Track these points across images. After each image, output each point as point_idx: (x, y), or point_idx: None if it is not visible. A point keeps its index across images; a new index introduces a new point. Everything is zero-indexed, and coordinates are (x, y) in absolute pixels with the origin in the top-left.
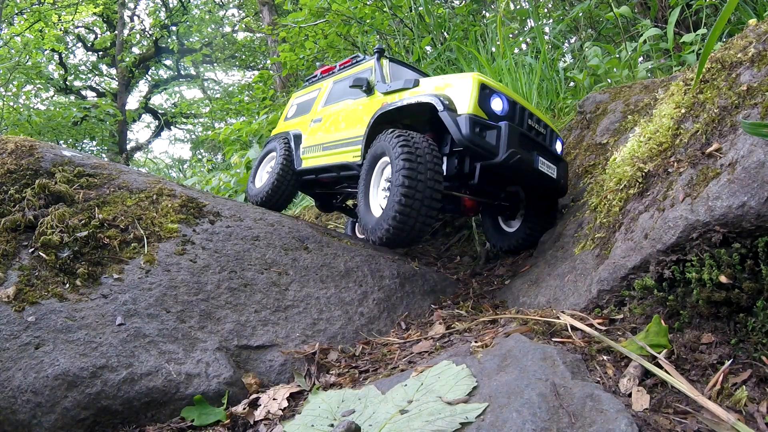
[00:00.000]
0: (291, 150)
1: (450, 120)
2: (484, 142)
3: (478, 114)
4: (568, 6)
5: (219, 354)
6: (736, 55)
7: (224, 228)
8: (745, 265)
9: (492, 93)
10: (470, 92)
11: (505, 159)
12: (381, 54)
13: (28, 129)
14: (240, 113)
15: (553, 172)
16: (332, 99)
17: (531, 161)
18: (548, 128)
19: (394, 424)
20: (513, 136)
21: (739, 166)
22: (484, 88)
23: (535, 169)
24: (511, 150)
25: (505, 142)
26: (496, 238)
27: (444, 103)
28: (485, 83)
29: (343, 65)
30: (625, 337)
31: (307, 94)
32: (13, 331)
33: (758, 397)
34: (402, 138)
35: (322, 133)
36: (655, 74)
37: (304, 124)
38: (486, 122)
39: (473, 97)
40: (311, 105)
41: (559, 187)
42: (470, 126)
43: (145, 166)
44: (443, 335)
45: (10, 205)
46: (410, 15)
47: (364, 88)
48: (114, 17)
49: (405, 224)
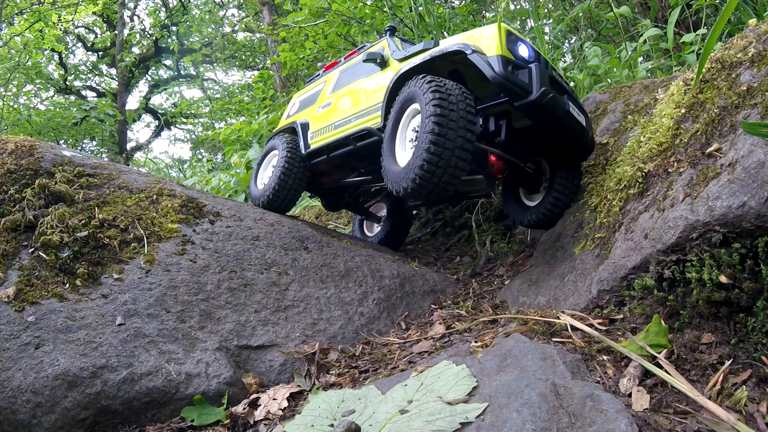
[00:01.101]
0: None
1: (481, 61)
2: (518, 80)
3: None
4: (568, 6)
5: (219, 354)
6: (736, 55)
7: (224, 228)
8: (745, 265)
9: (518, 40)
10: (497, 36)
11: (540, 96)
12: (393, 32)
13: (28, 129)
14: (240, 113)
15: (582, 118)
16: (341, 84)
17: (563, 102)
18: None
19: (394, 424)
20: (544, 77)
21: (739, 166)
22: (509, 35)
23: (567, 111)
24: (544, 88)
25: (537, 80)
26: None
27: (472, 48)
28: (510, 30)
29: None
30: (625, 337)
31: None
32: (13, 331)
33: (758, 397)
34: (434, 83)
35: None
36: (655, 74)
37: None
38: (517, 62)
39: (501, 40)
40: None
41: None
42: (503, 64)
43: (145, 166)
44: (443, 335)
45: (10, 205)
46: (410, 15)
47: (378, 61)
48: (114, 17)
49: (433, 174)
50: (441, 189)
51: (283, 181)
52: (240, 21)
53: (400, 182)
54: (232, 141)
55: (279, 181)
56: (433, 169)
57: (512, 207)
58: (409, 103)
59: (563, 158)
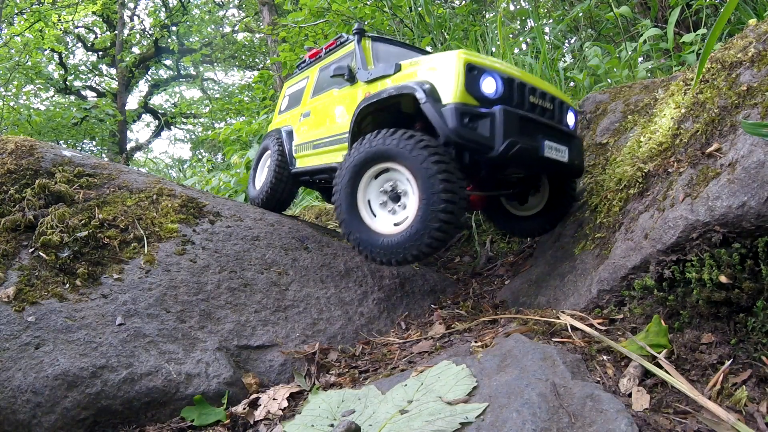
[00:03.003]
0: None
1: (433, 112)
2: (476, 135)
3: (467, 101)
4: (568, 6)
5: (219, 354)
6: (736, 55)
7: (224, 228)
8: (745, 265)
9: (482, 73)
10: (455, 76)
11: (503, 151)
12: (362, 35)
13: (28, 129)
14: (240, 113)
15: (564, 155)
16: (319, 89)
17: (536, 149)
18: (556, 101)
19: (394, 424)
20: (510, 123)
21: (739, 166)
22: (471, 69)
23: (541, 158)
24: (509, 140)
25: (501, 131)
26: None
27: (426, 91)
28: (472, 62)
29: (328, 48)
30: (625, 337)
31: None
32: (13, 331)
33: (758, 397)
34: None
35: (312, 129)
36: (655, 74)
37: (295, 118)
38: (476, 110)
39: (459, 82)
40: (301, 96)
41: (574, 170)
42: (457, 118)
43: (145, 166)
44: (443, 335)
45: (10, 205)
46: (410, 15)
47: (346, 77)
48: (114, 17)
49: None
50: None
51: (275, 186)
52: (240, 21)
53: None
54: (232, 141)
55: (271, 186)
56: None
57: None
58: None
59: None
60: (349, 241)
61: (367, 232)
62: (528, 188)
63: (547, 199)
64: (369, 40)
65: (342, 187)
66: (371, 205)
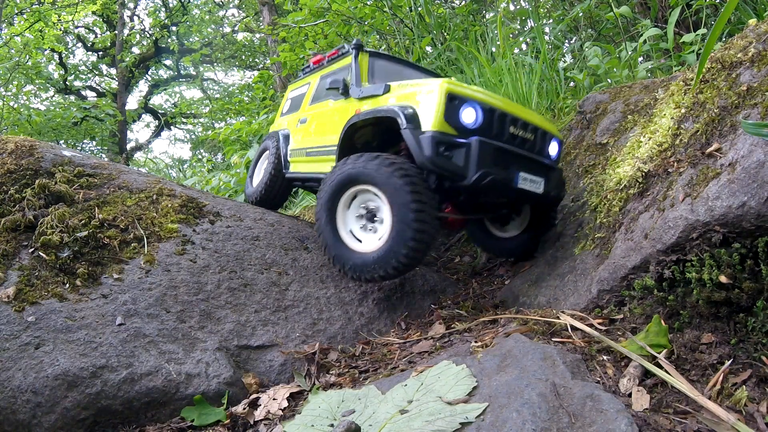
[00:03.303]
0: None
1: (411, 139)
2: (450, 164)
3: (445, 130)
4: (568, 6)
5: (219, 354)
6: (736, 55)
7: (224, 228)
8: (745, 265)
9: (463, 103)
10: (436, 105)
11: (476, 181)
12: (359, 49)
13: (28, 129)
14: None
15: (539, 187)
16: (317, 97)
17: (509, 180)
18: (539, 131)
19: (394, 424)
20: (485, 154)
21: (739, 166)
22: (452, 99)
23: (514, 189)
24: (481, 171)
25: (474, 162)
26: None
27: (407, 117)
28: (454, 92)
29: (331, 57)
30: (625, 337)
31: (300, 88)
32: (13, 331)
33: (758, 397)
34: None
35: (307, 137)
36: (655, 74)
37: (293, 123)
38: (452, 140)
39: (439, 111)
40: (301, 102)
41: (549, 200)
42: (433, 147)
43: (145, 166)
44: (443, 335)
45: (10, 205)
46: (410, 15)
47: (341, 90)
48: (114, 17)
49: (415, 261)
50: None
51: (269, 187)
52: (240, 21)
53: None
54: (232, 141)
55: (265, 186)
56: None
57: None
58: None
59: None
60: (325, 254)
61: (342, 248)
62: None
63: (527, 223)
64: (367, 55)
65: (323, 203)
66: (348, 222)
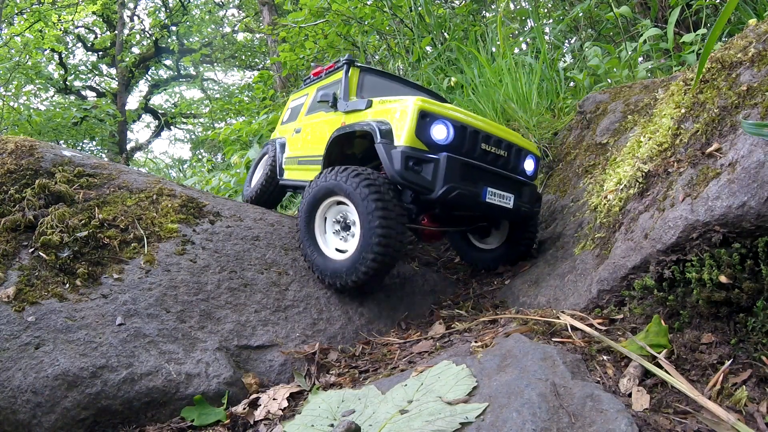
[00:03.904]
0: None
1: (383, 153)
2: (419, 178)
3: (416, 146)
4: (568, 6)
5: (219, 354)
6: (736, 55)
7: (224, 228)
8: (745, 265)
9: (434, 120)
10: (408, 121)
11: (442, 195)
12: (350, 65)
13: (28, 129)
14: (240, 113)
15: (509, 202)
16: (312, 109)
17: (476, 195)
18: (513, 148)
19: (394, 424)
20: (452, 169)
21: (739, 166)
22: (424, 116)
23: (481, 203)
24: (448, 185)
25: (442, 176)
26: (468, 253)
27: (382, 132)
28: (426, 110)
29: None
30: (625, 337)
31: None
32: (13, 331)
33: (758, 397)
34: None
35: (300, 146)
36: (655, 74)
37: (290, 132)
38: (422, 156)
39: (410, 128)
40: (299, 112)
41: (521, 216)
42: (403, 162)
43: (145, 166)
44: (443, 335)
45: (10, 205)
46: (410, 15)
47: (330, 103)
48: (114, 17)
49: (381, 271)
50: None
51: (263, 191)
52: (240, 21)
53: (344, 277)
54: (232, 141)
55: (261, 187)
56: (384, 260)
57: (464, 251)
58: (328, 194)
59: None
60: (306, 261)
61: (321, 257)
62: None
63: (506, 237)
64: (358, 71)
65: (302, 214)
66: (326, 232)
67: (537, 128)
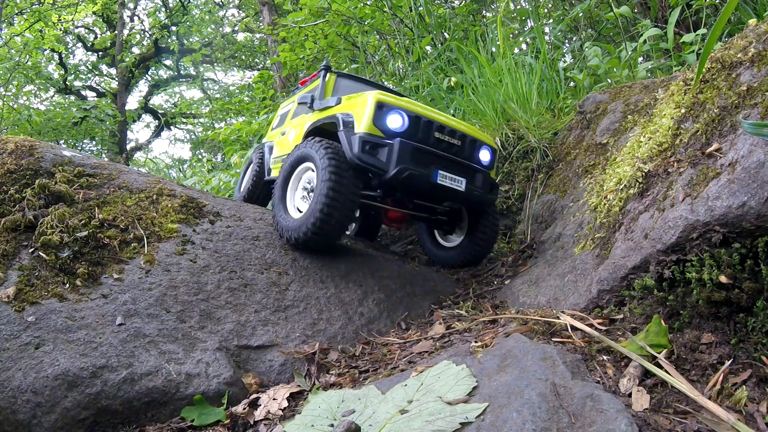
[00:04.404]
0: (264, 161)
1: (345, 139)
2: (374, 160)
3: (373, 132)
4: (568, 6)
5: (219, 354)
6: (736, 55)
7: (224, 228)
8: (745, 265)
9: (390, 110)
10: (367, 111)
11: (394, 175)
12: (327, 70)
13: (28, 129)
14: (240, 113)
15: (460, 185)
16: (297, 113)
17: (427, 176)
18: (467, 138)
19: (394, 424)
20: (404, 153)
21: (739, 166)
22: (380, 107)
23: (432, 183)
24: (400, 166)
25: (394, 159)
26: (434, 252)
27: (345, 123)
28: (383, 101)
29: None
30: (625, 337)
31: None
32: (13, 331)
33: (758, 397)
34: (330, 150)
35: (283, 146)
36: (655, 74)
37: (277, 136)
38: (378, 141)
39: (368, 116)
40: (285, 117)
41: (473, 198)
42: (360, 145)
43: (145, 166)
44: (443, 335)
45: (10, 205)
46: (410, 15)
47: (308, 104)
48: (114, 17)
49: (323, 230)
50: (330, 241)
51: (253, 190)
52: (240, 21)
53: (292, 233)
54: (232, 141)
55: (249, 189)
56: (325, 226)
57: (429, 248)
58: (302, 160)
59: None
60: (274, 222)
61: (285, 214)
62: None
63: (465, 232)
64: (335, 75)
65: (279, 183)
66: (295, 196)
67: (537, 128)
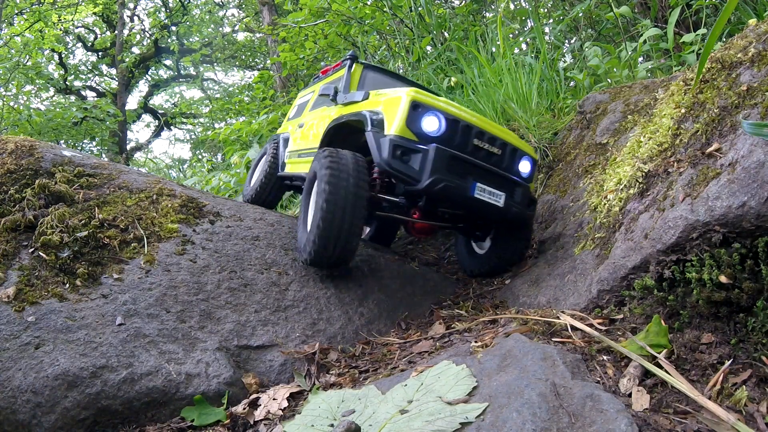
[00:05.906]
0: (278, 154)
1: (373, 141)
2: (406, 167)
3: (406, 135)
4: (568, 6)
5: (219, 354)
6: (736, 55)
7: (224, 228)
8: (745, 265)
9: (426, 111)
10: (400, 111)
11: (428, 186)
12: (353, 61)
13: (28, 129)
14: (240, 113)
15: (499, 200)
16: (317, 104)
17: (464, 188)
18: (508, 147)
19: (394, 424)
20: (440, 161)
21: (739, 166)
22: (416, 107)
23: (469, 197)
24: (435, 176)
25: (429, 167)
26: (468, 260)
27: (373, 122)
28: (419, 100)
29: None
30: (625, 337)
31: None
32: (13, 331)
33: (758, 397)
34: (329, 159)
35: (301, 139)
36: (655, 74)
37: (294, 127)
38: (411, 146)
39: (402, 117)
40: (303, 108)
41: (511, 216)
42: (391, 150)
43: (145, 166)
44: (443, 335)
45: (10, 205)
46: (410, 15)
47: (331, 97)
48: (114, 17)
49: (325, 248)
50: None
51: (263, 187)
52: (240, 21)
53: (301, 253)
54: (232, 141)
55: (261, 185)
56: (325, 243)
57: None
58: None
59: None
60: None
61: (303, 231)
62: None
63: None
64: (361, 67)
65: (303, 198)
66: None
67: (537, 128)
